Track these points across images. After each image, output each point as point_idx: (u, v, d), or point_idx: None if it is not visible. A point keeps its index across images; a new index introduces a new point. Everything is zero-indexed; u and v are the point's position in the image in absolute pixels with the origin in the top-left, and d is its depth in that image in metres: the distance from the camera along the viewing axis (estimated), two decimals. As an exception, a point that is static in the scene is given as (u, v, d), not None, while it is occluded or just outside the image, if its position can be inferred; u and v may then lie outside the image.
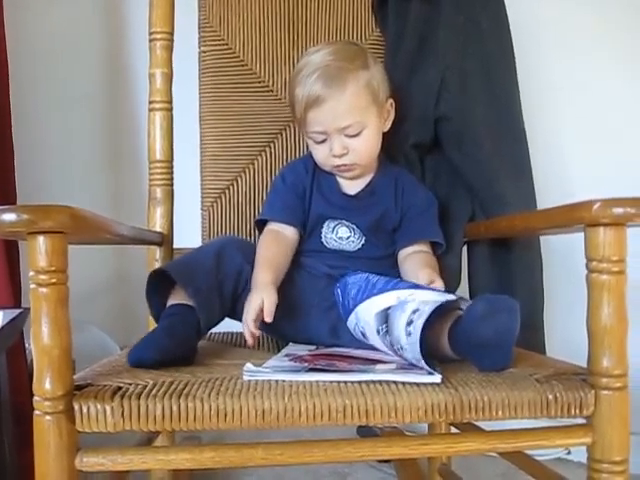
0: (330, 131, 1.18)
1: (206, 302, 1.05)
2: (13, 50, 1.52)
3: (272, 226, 1.24)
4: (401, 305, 0.92)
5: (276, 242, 1.21)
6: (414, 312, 0.89)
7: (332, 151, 1.19)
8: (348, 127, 1.18)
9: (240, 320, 1.10)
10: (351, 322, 1.03)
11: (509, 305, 0.91)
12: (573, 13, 1.80)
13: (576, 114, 1.81)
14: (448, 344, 0.95)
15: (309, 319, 1.15)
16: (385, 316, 0.94)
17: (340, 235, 1.23)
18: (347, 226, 1.23)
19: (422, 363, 0.86)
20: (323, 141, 1.21)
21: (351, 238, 1.22)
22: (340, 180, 1.27)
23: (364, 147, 1.21)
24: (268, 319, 1.02)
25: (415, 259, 1.21)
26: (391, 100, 1.27)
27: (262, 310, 1.03)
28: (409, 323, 0.88)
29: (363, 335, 1.01)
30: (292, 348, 1.09)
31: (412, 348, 0.87)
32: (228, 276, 1.12)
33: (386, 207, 1.25)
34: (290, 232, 1.23)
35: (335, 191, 1.26)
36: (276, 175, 1.32)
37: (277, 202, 1.26)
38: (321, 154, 1.22)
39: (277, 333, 1.20)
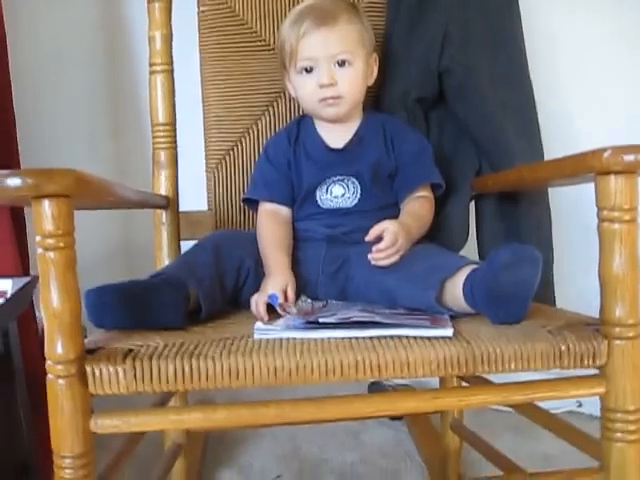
0: (320, 57, 1.17)
1: (209, 292, 1.02)
2: (10, 15, 1.49)
3: (266, 206, 1.24)
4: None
5: (277, 223, 1.21)
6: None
7: (320, 80, 1.18)
8: (339, 54, 1.17)
9: (243, 307, 1.10)
10: None
11: (534, 256, 0.90)
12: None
13: (581, 63, 1.79)
14: (462, 295, 0.95)
15: (317, 288, 1.15)
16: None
17: (335, 194, 1.21)
18: (340, 183, 1.21)
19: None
20: (312, 71, 1.19)
21: (346, 195, 1.21)
22: (325, 135, 1.26)
23: (351, 80, 1.19)
24: (292, 307, 1.03)
25: (404, 209, 1.21)
26: (375, 55, 1.26)
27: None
28: None
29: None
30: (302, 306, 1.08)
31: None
32: (228, 271, 1.10)
33: (377, 154, 1.23)
34: (283, 209, 1.24)
35: (322, 149, 1.25)
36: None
37: (260, 180, 1.27)
38: (309, 85, 1.20)
39: None
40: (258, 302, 1.03)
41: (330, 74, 1.17)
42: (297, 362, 0.79)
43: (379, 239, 1.06)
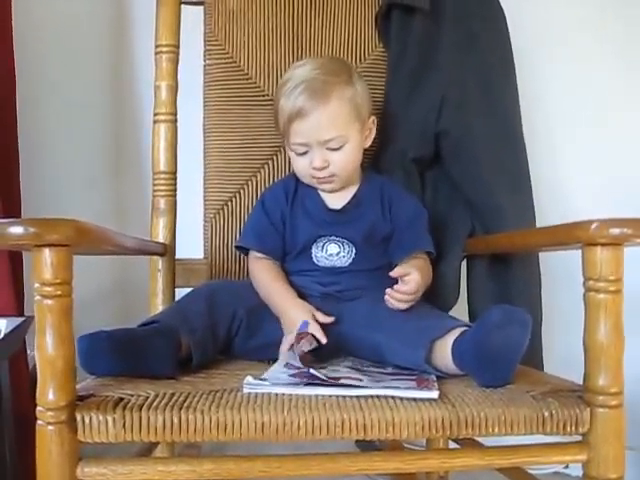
0: (312, 143, 1.19)
1: (201, 342, 1.04)
2: (19, 62, 1.53)
3: (257, 255, 1.26)
4: None
5: (271, 268, 1.24)
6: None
7: (312, 163, 1.20)
8: (330, 140, 1.19)
9: (235, 357, 1.13)
10: None
11: (524, 319, 0.92)
12: (574, 26, 1.82)
13: (577, 123, 1.83)
14: (450, 356, 0.96)
15: None
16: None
17: (330, 252, 1.23)
18: (336, 242, 1.23)
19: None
20: (304, 153, 1.21)
21: (341, 254, 1.23)
22: (324, 196, 1.27)
23: (344, 161, 1.21)
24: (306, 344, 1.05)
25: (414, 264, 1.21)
26: (373, 117, 1.28)
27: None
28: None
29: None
30: (292, 356, 1.08)
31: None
32: (221, 320, 1.12)
33: (373, 218, 1.25)
34: (273, 260, 1.25)
35: (320, 208, 1.27)
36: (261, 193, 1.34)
37: (252, 229, 1.28)
38: (301, 166, 1.23)
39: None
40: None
41: (322, 158, 1.19)
42: (284, 419, 0.80)
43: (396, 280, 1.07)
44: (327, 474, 0.85)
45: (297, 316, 1.11)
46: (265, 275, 1.22)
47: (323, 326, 1.11)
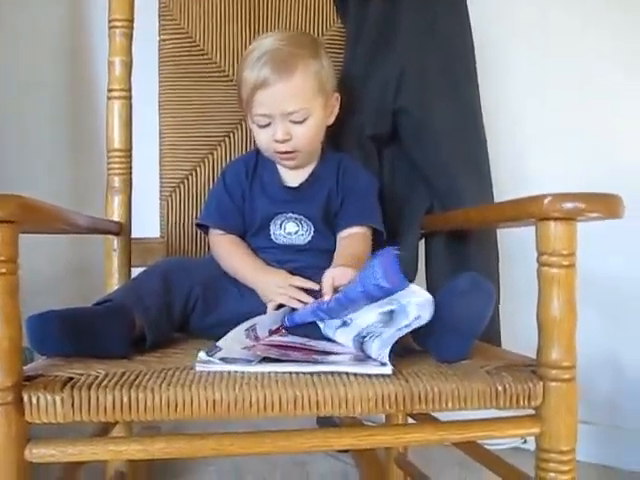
0: (275, 114, 1.18)
1: (155, 321, 1.02)
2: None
3: (218, 231, 1.25)
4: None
5: (235, 242, 1.24)
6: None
7: (275, 136, 1.19)
8: (293, 112, 1.17)
9: (192, 334, 1.12)
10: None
11: (490, 291, 0.92)
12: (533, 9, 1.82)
13: (536, 108, 1.83)
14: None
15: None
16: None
17: (288, 230, 1.22)
18: (294, 220, 1.22)
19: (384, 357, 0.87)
20: (267, 125, 1.20)
21: (300, 232, 1.22)
22: (282, 172, 1.27)
23: (307, 135, 1.20)
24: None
25: (341, 245, 1.21)
26: (337, 94, 1.27)
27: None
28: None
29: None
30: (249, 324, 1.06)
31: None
32: (177, 298, 1.10)
33: (328, 194, 1.25)
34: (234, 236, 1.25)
35: (277, 185, 1.26)
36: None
37: (214, 207, 1.27)
38: (264, 139, 1.21)
39: None
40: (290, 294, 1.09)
41: (285, 130, 1.18)
42: (236, 396, 0.79)
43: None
44: (281, 451, 0.85)
45: (274, 280, 1.12)
46: (235, 248, 1.22)
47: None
